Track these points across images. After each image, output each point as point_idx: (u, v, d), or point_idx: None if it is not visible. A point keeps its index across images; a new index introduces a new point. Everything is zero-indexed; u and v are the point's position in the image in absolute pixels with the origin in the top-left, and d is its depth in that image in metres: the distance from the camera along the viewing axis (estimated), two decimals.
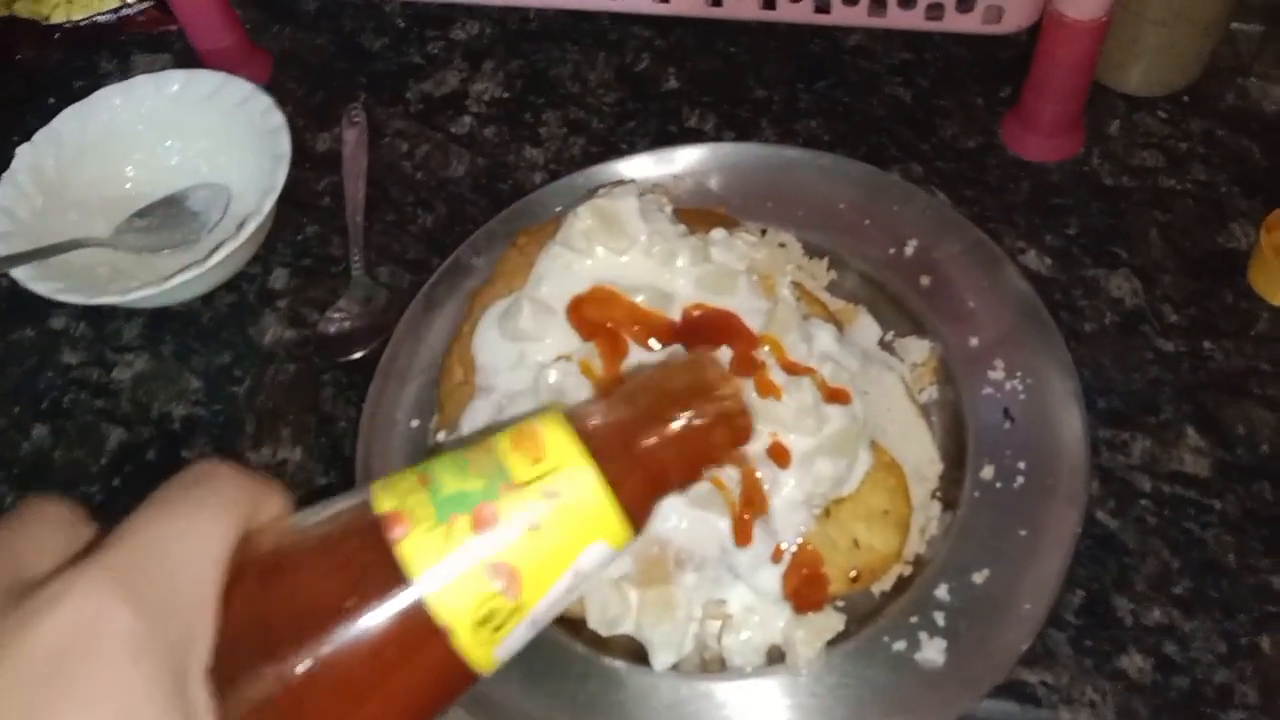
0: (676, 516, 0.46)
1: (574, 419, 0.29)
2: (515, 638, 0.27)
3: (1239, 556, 0.50)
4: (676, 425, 0.30)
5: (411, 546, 0.26)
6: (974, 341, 0.55)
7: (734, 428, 0.32)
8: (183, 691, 0.23)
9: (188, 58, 0.76)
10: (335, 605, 0.25)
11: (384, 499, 0.27)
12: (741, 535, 0.46)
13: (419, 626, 0.26)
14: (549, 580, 0.28)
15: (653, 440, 0.30)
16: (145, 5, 0.78)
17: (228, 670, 0.24)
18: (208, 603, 0.24)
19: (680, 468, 0.31)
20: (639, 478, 0.30)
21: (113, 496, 0.58)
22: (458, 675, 0.27)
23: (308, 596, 0.26)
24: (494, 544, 0.27)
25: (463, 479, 0.28)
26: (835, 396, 0.49)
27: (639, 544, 0.45)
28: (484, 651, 0.27)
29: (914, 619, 0.47)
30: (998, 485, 0.50)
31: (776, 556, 0.46)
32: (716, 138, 0.68)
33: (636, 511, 0.29)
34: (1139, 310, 0.58)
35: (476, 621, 0.26)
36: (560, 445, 0.28)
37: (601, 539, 0.28)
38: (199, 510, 0.25)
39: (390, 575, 0.26)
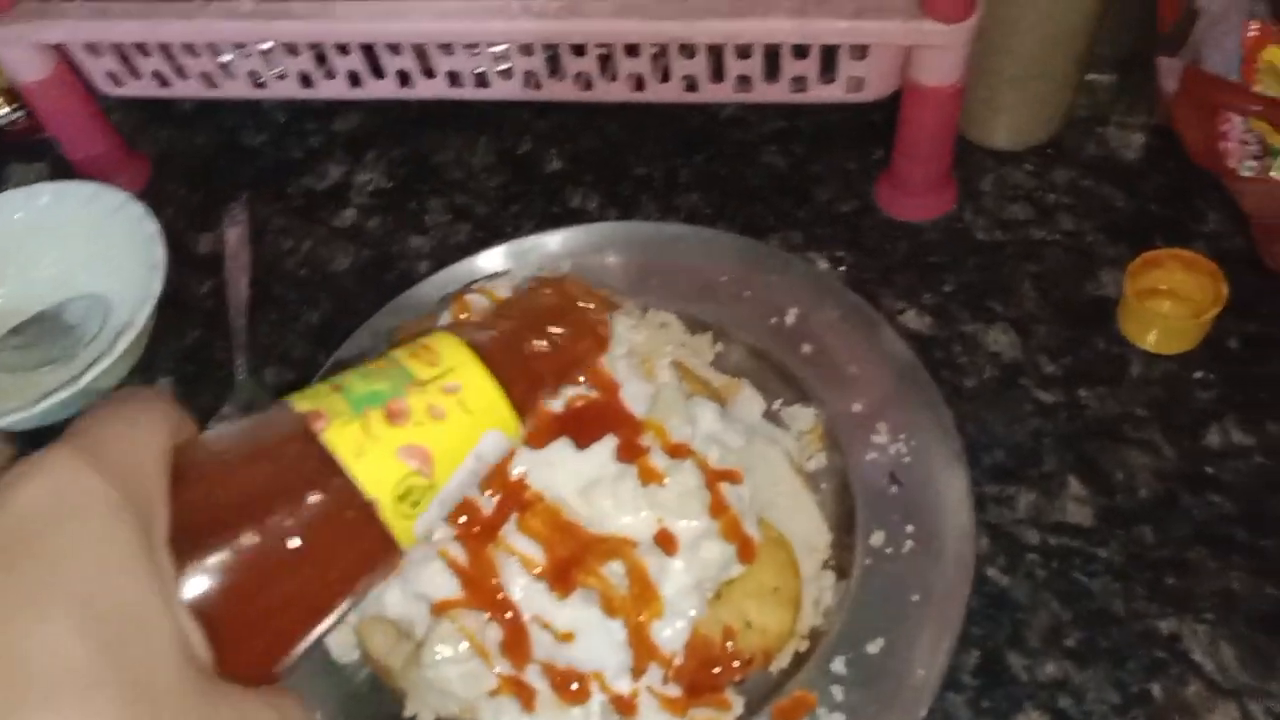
0: (569, 622, 0.45)
1: (461, 331, 0.36)
2: (430, 514, 0.32)
3: (1126, 603, 0.51)
4: (547, 334, 0.40)
5: (334, 434, 0.30)
6: (857, 406, 0.55)
7: (597, 335, 0.42)
8: (152, 554, 0.24)
9: (64, 165, 0.75)
10: (274, 487, 0.29)
11: (301, 403, 0.31)
12: (639, 662, 0.46)
13: (349, 501, 0.30)
14: (455, 461, 0.33)
15: (528, 345, 0.39)
16: (17, 115, 0.77)
17: (179, 549, 0.26)
18: (162, 484, 0.26)
19: (553, 368, 0.40)
20: (520, 374, 0.37)
21: None
22: (384, 546, 0.31)
23: (248, 482, 0.29)
24: (406, 430, 0.32)
25: (370, 383, 0.32)
26: (724, 477, 0.50)
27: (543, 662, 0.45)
28: (405, 524, 0.31)
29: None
30: (888, 551, 0.51)
31: (668, 675, 0.46)
32: (600, 216, 0.69)
33: (522, 404, 0.36)
34: (1017, 363, 0.60)
35: (397, 496, 0.31)
36: (452, 351, 0.35)
37: (496, 427, 0.35)
38: (144, 411, 0.27)
39: (319, 457, 0.30)
